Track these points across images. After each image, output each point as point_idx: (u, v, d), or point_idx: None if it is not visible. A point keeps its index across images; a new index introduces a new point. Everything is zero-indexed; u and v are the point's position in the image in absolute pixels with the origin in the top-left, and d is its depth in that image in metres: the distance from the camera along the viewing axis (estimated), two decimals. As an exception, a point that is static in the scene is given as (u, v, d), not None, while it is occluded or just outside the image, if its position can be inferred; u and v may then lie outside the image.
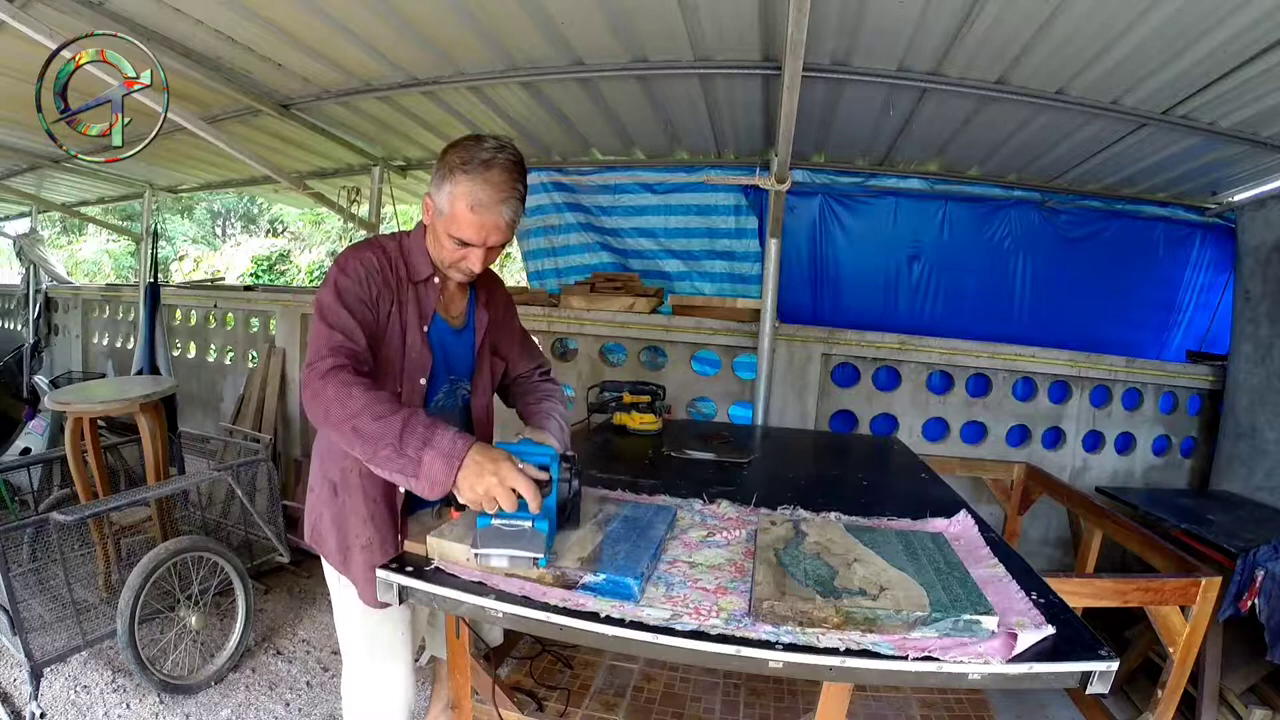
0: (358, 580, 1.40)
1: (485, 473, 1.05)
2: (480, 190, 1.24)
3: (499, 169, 1.25)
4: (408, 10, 2.41)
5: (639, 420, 2.41)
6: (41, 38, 2.14)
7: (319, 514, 1.44)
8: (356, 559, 1.39)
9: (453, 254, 1.32)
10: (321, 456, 1.44)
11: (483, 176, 1.24)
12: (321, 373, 1.16)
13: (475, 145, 1.27)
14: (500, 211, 1.26)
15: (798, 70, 2.17)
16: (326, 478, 1.41)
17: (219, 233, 15.29)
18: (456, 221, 1.27)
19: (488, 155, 1.25)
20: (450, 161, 1.26)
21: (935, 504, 1.55)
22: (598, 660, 2.19)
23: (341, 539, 1.40)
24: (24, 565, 2.32)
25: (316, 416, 1.15)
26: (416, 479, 1.07)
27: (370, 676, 1.48)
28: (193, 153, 4.44)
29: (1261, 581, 2.08)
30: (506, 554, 1.05)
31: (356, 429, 1.09)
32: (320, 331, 1.23)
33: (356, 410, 1.10)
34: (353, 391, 1.12)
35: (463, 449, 1.06)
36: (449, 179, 1.26)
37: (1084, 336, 3.62)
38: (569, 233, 4.34)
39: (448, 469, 1.05)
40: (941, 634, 0.95)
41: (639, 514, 1.35)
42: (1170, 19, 2.02)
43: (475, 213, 1.26)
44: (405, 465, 1.06)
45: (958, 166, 3.65)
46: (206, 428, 4.43)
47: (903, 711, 2.03)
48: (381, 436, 1.07)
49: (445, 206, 1.28)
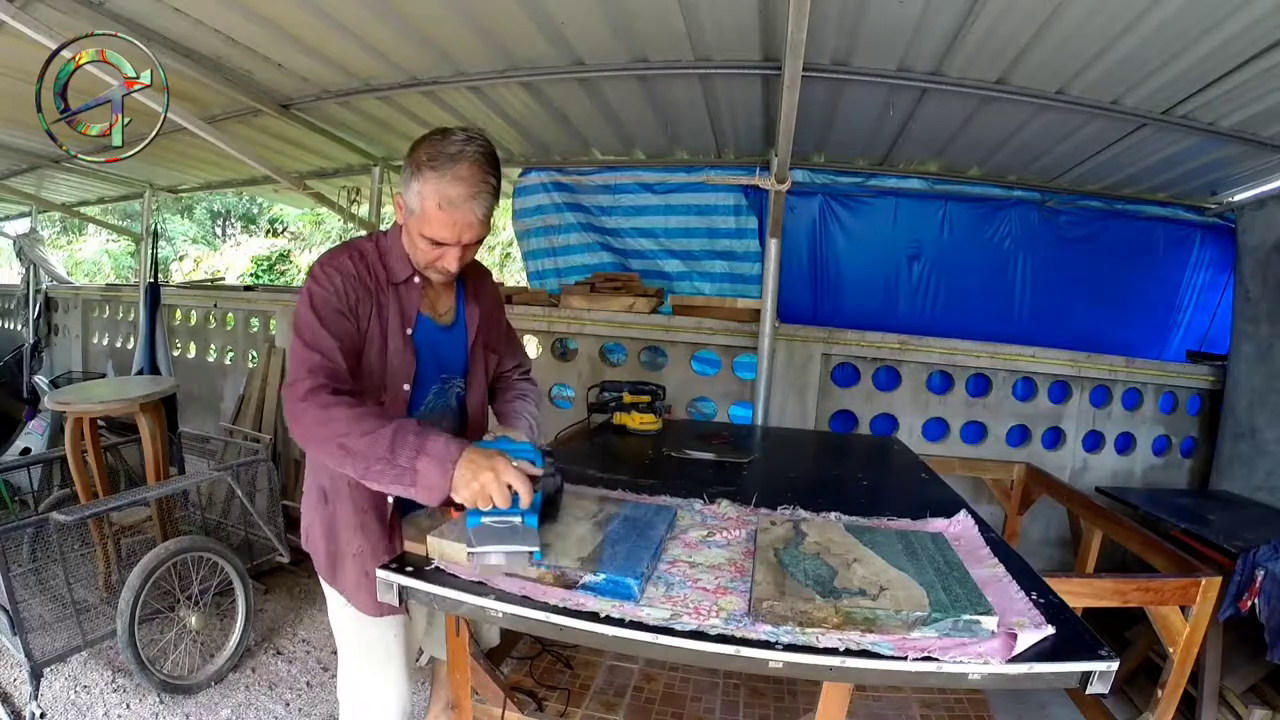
0: (348, 589, 1.38)
1: (481, 469, 1.05)
2: (449, 187, 1.19)
3: (467, 163, 1.19)
4: (408, 10, 2.41)
5: (639, 420, 2.41)
6: (41, 38, 2.14)
7: (311, 521, 1.43)
8: (347, 568, 1.38)
9: (428, 254, 1.27)
10: (313, 463, 1.42)
11: (451, 172, 1.19)
12: (300, 395, 1.14)
13: (442, 139, 1.21)
14: (471, 208, 1.21)
15: (798, 70, 2.17)
16: (317, 484, 1.40)
17: (219, 233, 15.27)
18: (427, 221, 1.22)
19: (455, 149, 1.19)
20: (417, 158, 1.21)
21: (935, 504, 1.55)
22: (598, 660, 2.19)
23: (331, 547, 1.39)
24: (24, 565, 2.32)
25: (301, 439, 1.16)
26: (415, 487, 1.07)
27: (366, 685, 1.46)
28: (193, 153, 4.43)
29: (1261, 581, 2.08)
30: (503, 550, 1.06)
31: (345, 447, 1.09)
32: (297, 351, 1.21)
33: (342, 430, 1.09)
34: (333, 412, 1.12)
35: (455, 451, 1.07)
36: (416, 176, 1.21)
37: (1084, 336, 3.62)
38: (569, 233, 4.33)
39: (442, 472, 1.06)
40: (941, 634, 0.95)
41: (639, 514, 1.35)
42: (1170, 19, 2.02)
43: (445, 211, 1.20)
44: (400, 475, 1.07)
45: (958, 166, 3.65)
46: (206, 428, 4.43)
47: (903, 711, 2.03)
48: (372, 451, 1.07)
49: (415, 205, 1.23)
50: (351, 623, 1.42)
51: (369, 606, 1.36)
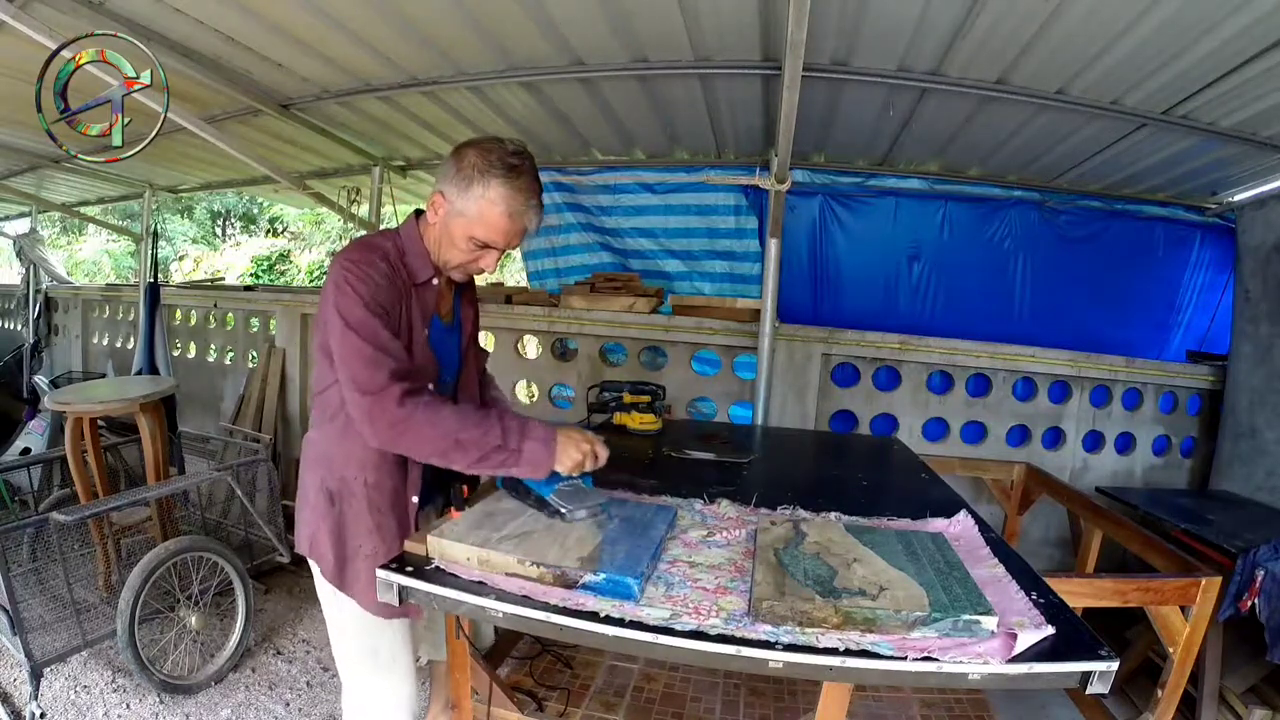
0: (359, 592, 1.36)
1: (579, 441, 1.26)
2: (515, 196, 1.25)
3: (528, 174, 1.27)
4: (408, 10, 2.41)
5: (639, 420, 2.41)
6: (41, 38, 2.14)
7: (316, 526, 1.38)
8: (360, 570, 1.35)
9: (467, 255, 1.31)
10: (314, 465, 1.39)
11: (514, 183, 1.25)
12: (398, 399, 1.17)
13: (499, 148, 1.26)
14: (530, 217, 1.28)
15: (798, 70, 2.17)
16: (323, 487, 1.36)
17: (219, 233, 15.26)
18: (486, 225, 1.26)
19: (516, 161, 1.26)
20: (476, 163, 1.25)
21: (935, 504, 1.55)
22: (598, 660, 2.19)
23: (340, 550, 1.36)
24: (24, 565, 2.32)
25: (407, 442, 1.21)
26: (518, 465, 1.22)
27: (374, 692, 1.44)
28: (193, 153, 4.43)
29: (1261, 581, 2.08)
30: (585, 506, 1.28)
31: (460, 442, 1.19)
32: (362, 353, 1.19)
33: (454, 426, 1.19)
34: (441, 411, 1.21)
35: (552, 433, 1.24)
36: (479, 181, 1.24)
37: (1084, 336, 3.61)
38: (569, 233, 4.33)
39: (547, 450, 1.22)
40: (941, 634, 0.95)
41: (639, 514, 1.35)
42: (1170, 19, 2.02)
43: (512, 219, 1.27)
44: (508, 458, 1.21)
45: (958, 166, 3.64)
46: (206, 428, 4.43)
47: (903, 711, 2.03)
48: (487, 441, 1.20)
49: (472, 209, 1.26)
50: (356, 626, 1.40)
51: (381, 609, 1.34)
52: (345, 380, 1.21)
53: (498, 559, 1.11)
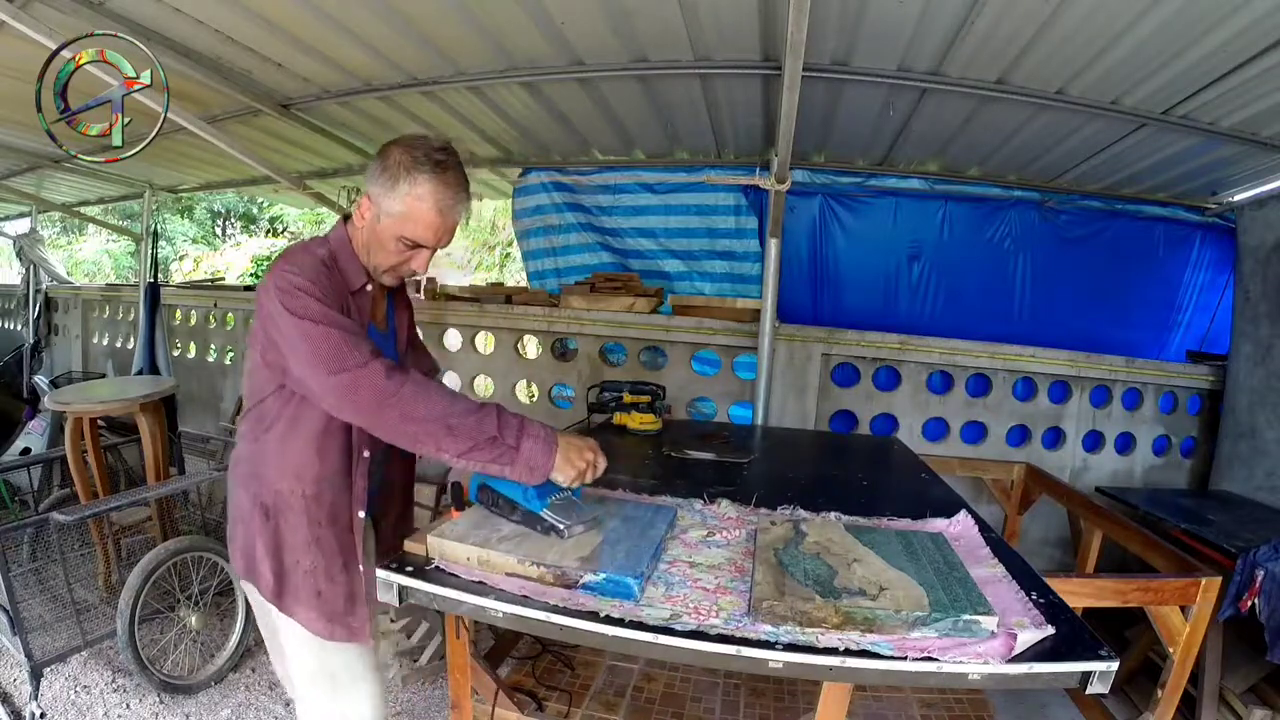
0: (297, 609, 1.28)
1: (583, 450, 1.17)
2: (444, 191, 1.22)
3: (455, 170, 1.24)
4: (408, 10, 2.41)
5: (639, 420, 2.41)
6: (41, 38, 2.14)
7: (252, 544, 1.29)
8: (297, 586, 1.28)
9: (398, 257, 1.27)
10: (245, 481, 1.31)
11: (442, 178, 1.22)
12: (384, 372, 1.10)
13: (425, 144, 1.24)
14: (458, 212, 1.26)
15: (798, 70, 2.17)
16: (257, 502, 1.28)
17: (219, 233, 15.26)
18: (414, 223, 1.23)
19: (442, 157, 1.23)
20: (402, 161, 1.22)
21: (935, 504, 1.55)
22: (598, 660, 2.19)
23: (278, 567, 1.28)
24: (24, 565, 2.32)
25: (391, 420, 1.10)
26: (513, 465, 1.12)
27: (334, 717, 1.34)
28: (193, 153, 4.43)
29: (1261, 581, 2.08)
30: (582, 521, 1.21)
31: (450, 426, 1.10)
32: (333, 337, 1.12)
33: (445, 408, 1.11)
34: (430, 389, 1.12)
35: (554, 435, 1.16)
36: (404, 179, 1.21)
37: (1084, 336, 3.61)
38: (569, 233, 4.33)
39: (548, 453, 1.13)
40: (941, 634, 0.95)
41: (639, 514, 1.35)
42: (1170, 19, 2.02)
43: (442, 215, 1.24)
44: (502, 454, 1.11)
45: (958, 166, 3.64)
46: (206, 428, 4.43)
47: (903, 711, 2.03)
48: (481, 430, 1.10)
49: (399, 208, 1.22)
50: (307, 647, 1.31)
51: (319, 628, 1.29)
52: (313, 370, 1.12)
53: (498, 559, 1.11)
